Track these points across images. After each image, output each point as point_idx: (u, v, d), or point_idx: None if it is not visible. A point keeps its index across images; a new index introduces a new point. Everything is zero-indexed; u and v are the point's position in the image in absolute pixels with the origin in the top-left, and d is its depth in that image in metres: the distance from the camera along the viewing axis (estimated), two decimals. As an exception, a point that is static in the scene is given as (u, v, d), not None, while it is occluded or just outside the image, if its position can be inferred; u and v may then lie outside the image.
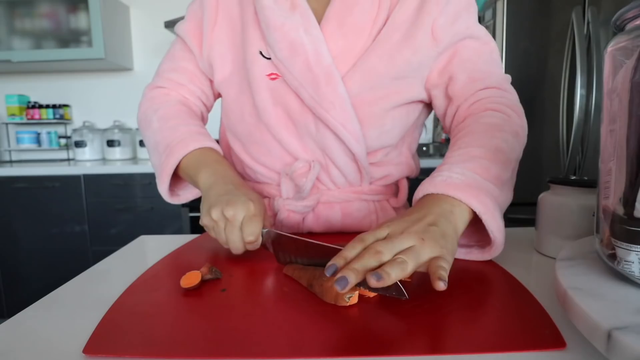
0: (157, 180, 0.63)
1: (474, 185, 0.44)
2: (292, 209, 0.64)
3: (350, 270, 0.35)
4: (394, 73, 0.57)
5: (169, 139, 0.60)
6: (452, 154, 0.51)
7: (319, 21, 0.57)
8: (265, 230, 0.50)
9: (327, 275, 0.37)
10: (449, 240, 0.40)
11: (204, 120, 0.71)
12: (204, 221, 0.51)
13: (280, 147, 0.62)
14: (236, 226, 0.48)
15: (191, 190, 0.68)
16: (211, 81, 0.68)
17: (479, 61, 0.59)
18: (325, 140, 0.60)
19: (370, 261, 0.36)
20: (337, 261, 0.37)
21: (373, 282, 0.34)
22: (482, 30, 0.60)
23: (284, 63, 0.57)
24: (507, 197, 0.50)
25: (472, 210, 0.44)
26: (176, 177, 0.64)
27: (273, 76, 0.58)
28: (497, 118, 0.54)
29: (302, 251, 0.46)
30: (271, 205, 0.67)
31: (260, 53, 0.58)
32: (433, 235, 0.39)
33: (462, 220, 0.43)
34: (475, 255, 0.49)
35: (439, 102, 0.62)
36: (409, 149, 0.69)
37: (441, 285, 0.34)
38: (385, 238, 0.39)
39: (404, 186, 0.71)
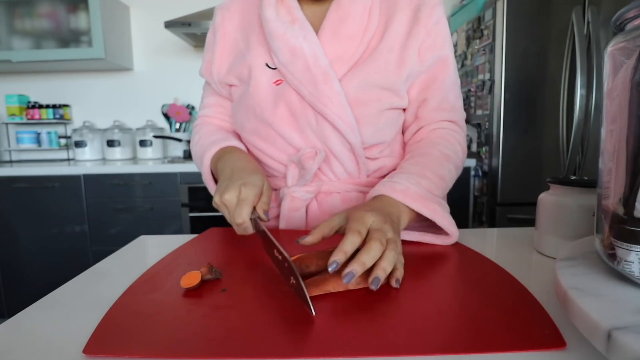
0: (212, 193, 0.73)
1: (424, 197, 0.56)
2: (296, 195, 0.69)
3: (357, 264, 0.39)
4: (386, 84, 0.66)
5: (200, 155, 0.71)
6: (409, 167, 0.63)
7: (316, 32, 0.66)
8: (253, 217, 0.53)
9: (330, 271, 0.39)
10: (398, 231, 0.49)
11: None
12: (213, 205, 0.57)
13: (283, 141, 0.69)
14: (231, 210, 0.54)
15: None
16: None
17: (449, 94, 0.70)
18: (324, 132, 0.66)
19: (368, 259, 0.40)
20: (338, 257, 0.40)
21: (373, 288, 0.40)
22: (454, 62, 0.72)
23: (286, 66, 0.65)
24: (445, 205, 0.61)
25: (414, 213, 0.56)
26: None
27: (278, 82, 0.67)
28: (449, 150, 0.67)
29: (270, 247, 0.47)
30: (277, 195, 0.74)
31: (267, 65, 0.68)
32: (392, 222, 0.48)
33: (404, 223, 0.55)
34: (444, 240, 0.58)
35: (407, 116, 0.73)
36: (401, 146, 0.76)
37: (394, 284, 0.42)
38: (369, 228, 0.45)
39: None
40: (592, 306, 0.28)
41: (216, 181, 0.72)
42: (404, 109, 0.73)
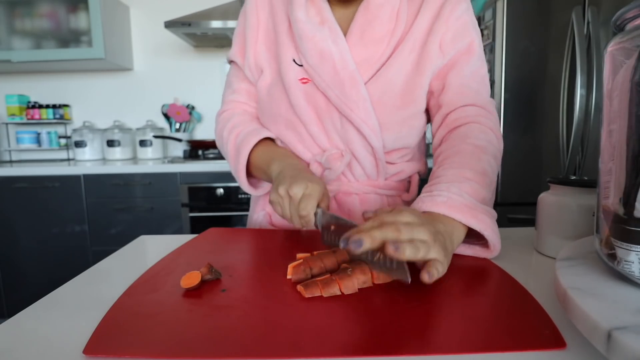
0: (239, 183, 0.73)
1: (471, 207, 0.50)
2: None
3: (367, 235, 0.38)
4: (407, 88, 0.66)
5: (236, 143, 0.71)
6: (445, 172, 0.56)
7: (344, 34, 0.67)
8: (319, 210, 0.54)
9: (341, 246, 0.38)
10: (449, 254, 0.45)
11: None
12: (271, 197, 0.58)
13: (311, 139, 0.70)
14: (295, 202, 0.55)
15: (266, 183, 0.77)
16: None
17: (472, 80, 0.67)
18: (348, 135, 0.68)
19: (388, 233, 0.39)
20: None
21: (391, 250, 0.37)
22: (481, 48, 0.68)
23: (314, 68, 0.66)
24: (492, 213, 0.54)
25: (466, 228, 0.50)
26: (252, 176, 0.74)
27: (304, 80, 0.68)
28: (481, 140, 0.61)
29: (338, 232, 0.49)
30: None
31: (294, 61, 0.68)
32: (442, 242, 0.43)
33: (458, 242, 0.49)
34: (477, 252, 0.53)
35: (432, 109, 0.71)
36: (419, 150, 0.77)
37: (426, 278, 0.39)
38: (404, 223, 0.42)
39: (415, 182, 0.77)
40: (592, 306, 0.28)
41: (248, 172, 0.72)
42: (426, 110, 0.71)
